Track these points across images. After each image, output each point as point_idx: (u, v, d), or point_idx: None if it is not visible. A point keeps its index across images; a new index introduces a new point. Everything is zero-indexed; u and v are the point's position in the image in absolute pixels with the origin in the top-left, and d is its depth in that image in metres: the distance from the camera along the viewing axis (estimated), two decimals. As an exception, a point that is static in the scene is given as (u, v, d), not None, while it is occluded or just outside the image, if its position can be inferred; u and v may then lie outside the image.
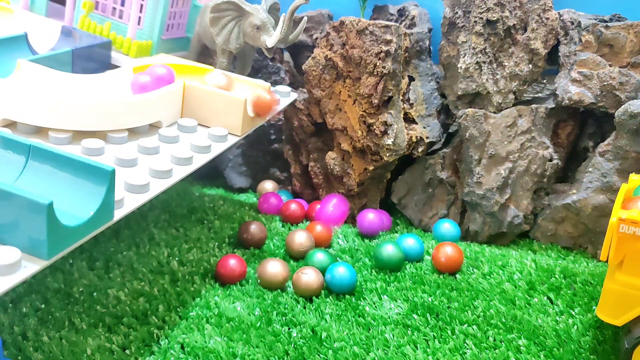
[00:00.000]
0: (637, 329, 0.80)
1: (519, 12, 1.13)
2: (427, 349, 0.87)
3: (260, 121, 1.08)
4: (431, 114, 1.22)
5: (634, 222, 0.77)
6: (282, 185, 1.37)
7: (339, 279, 0.98)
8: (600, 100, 1.09)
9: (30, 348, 0.83)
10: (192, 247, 1.09)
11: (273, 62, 1.33)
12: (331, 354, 0.85)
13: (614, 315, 0.81)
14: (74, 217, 0.68)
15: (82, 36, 1.11)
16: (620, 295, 0.80)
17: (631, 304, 0.79)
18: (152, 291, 0.96)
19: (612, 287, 0.80)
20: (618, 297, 0.80)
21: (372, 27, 1.12)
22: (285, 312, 0.93)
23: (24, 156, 0.72)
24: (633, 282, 0.79)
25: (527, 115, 1.14)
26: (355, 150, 1.19)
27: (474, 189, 1.14)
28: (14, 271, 0.62)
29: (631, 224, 0.77)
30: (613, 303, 0.80)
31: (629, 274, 0.79)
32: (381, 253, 1.05)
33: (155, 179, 0.84)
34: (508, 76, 1.14)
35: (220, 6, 1.11)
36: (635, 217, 0.77)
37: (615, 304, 0.80)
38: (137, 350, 0.84)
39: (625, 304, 0.79)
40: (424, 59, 1.24)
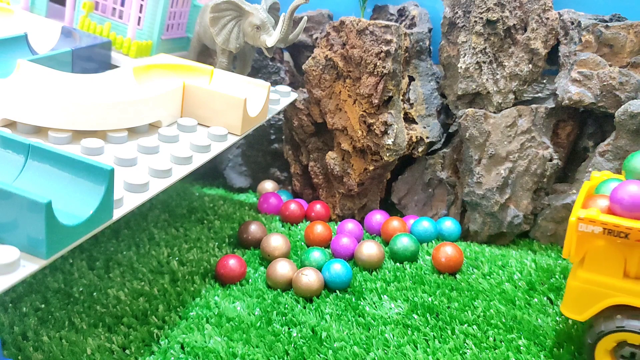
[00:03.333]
0: (598, 325, 0.81)
1: (519, 12, 1.13)
2: (427, 348, 0.87)
3: (259, 121, 1.08)
4: (431, 114, 1.22)
5: (592, 220, 0.78)
6: (282, 185, 1.37)
7: (335, 276, 0.99)
8: (600, 100, 1.08)
9: (30, 348, 0.83)
10: (192, 247, 1.09)
11: (273, 62, 1.33)
12: (331, 354, 0.85)
13: (577, 311, 0.82)
14: (73, 216, 0.68)
15: (82, 36, 1.11)
16: (582, 291, 0.81)
17: (592, 300, 0.81)
18: (152, 291, 0.96)
19: (574, 284, 0.82)
20: (580, 293, 0.81)
21: (372, 27, 1.12)
22: (285, 312, 0.93)
23: (23, 155, 0.72)
24: (593, 279, 0.81)
25: (527, 115, 1.14)
26: (355, 150, 1.18)
27: (474, 189, 1.14)
28: (13, 270, 0.62)
29: (589, 222, 0.78)
30: (576, 299, 0.82)
31: (589, 271, 0.81)
32: (396, 244, 1.08)
33: (155, 179, 0.84)
34: (508, 76, 1.14)
35: (220, 6, 1.11)
36: (593, 216, 0.78)
37: (578, 301, 0.82)
38: (137, 350, 0.84)
39: (587, 300, 0.81)
40: (424, 59, 1.24)
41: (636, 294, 0.79)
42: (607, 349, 0.81)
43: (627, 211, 0.78)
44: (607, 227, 0.77)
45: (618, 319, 0.79)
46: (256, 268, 1.06)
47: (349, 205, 1.24)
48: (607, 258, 0.80)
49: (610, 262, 0.80)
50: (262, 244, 1.08)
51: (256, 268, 1.06)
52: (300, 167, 1.32)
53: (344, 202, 1.24)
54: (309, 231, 1.14)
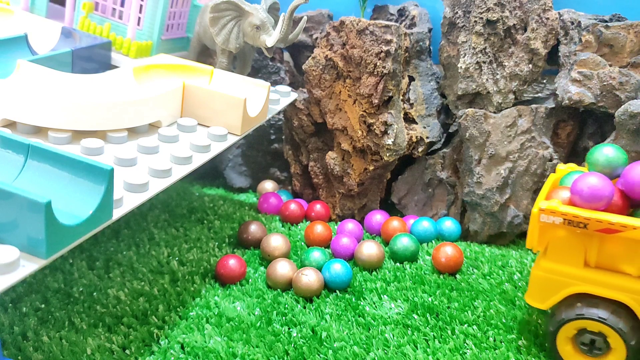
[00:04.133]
0: (559, 313, 0.83)
1: (519, 12, 1.13)
2: (427, 349, 0.87)
3: (259, 121, 1.08)
4: (431, 114, 1.22)
5: (553, 211, 0.80)
6: (282, 185, 1.37)
7: (335, 276, 0.99)
8: (600, 100, 1.08)
9: (30, 348, 0.83)
10: (192, 247, 1.09)
11: (273, 62, 1.34)
12: (331, 353, 0.85)
13: (540, 300, 0.85)
14: (73, 216, 0.68)
15: (82, 37, 1.11)
16: (545, 281, 0.84)
17: (554, 289, 0.83)
18: (152, 291, 0.96)
19: (537, 273, 0.85)
20: (543, 282, 0.84)
21: (372, 27, 1.12)
22: (285, 312, 0.93)
23: (22, 155, 0.72)
24: (555, 269, 0.83)
25: (527, 115, 1.14)
26: (355, 150, 1.18)
27: (474, 189, 1.14)
28: (13, 270, 0.62)
29: (550, 213, 0.80)
30: (539, 288, 0.85)
31: (551, 261, 0.84)
32: (396, 244, 1.08)
33: (155, 178, 0.84)
34: (508, 76, 1.14)
35: (219, 6, 1.11)
36: (554, 207, 0.80)
37: (541, 290, 0.84)
38: (137, 350, 0.84)
39: (550, 289, 0.84)
40: (424, 59, 1.24)
41: (595, 282, 0.81)
42: (568, 336, 0.83)
43: (586, 202, 0.80)
44: (567, 218, 0.80)
45: (578, 307, 0.82)
46: (256, 268, 1.06)
47: (349, 205, 1.24)
48: (568, 248, 0.82)
49: (571, 252, 0.82)
50: (262, 244, 1.08)
51: (256, 268, 1.06)
52: (300, 167, 1.32)
53: (344, 202, 1.24)
54: (309, 231, 1.14)
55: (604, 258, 0.82)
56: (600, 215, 0.78)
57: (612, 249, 0.81)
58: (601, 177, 0.80)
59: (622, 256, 0.81)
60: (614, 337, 0.81)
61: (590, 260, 0.82)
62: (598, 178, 0.80)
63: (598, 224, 0.78)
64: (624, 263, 0.81)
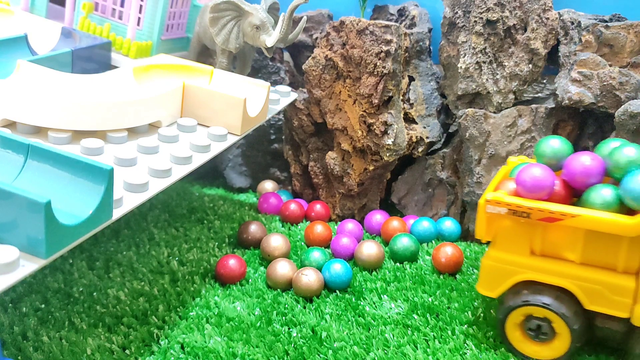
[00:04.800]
0: (507, 300, 0.86)
1: (519, 12, 1.13)
2: (427, 349, 0.87)
3: (259, 121, 1.08)
4: (431, 114, 1.22)
5: (498, 202, 0.83)
6: (282, 185, 1.37)
7: (335, 276, 0.99)
8: (600, 100, 1.08)
9: (30, 348, 0.83)
10: (192, 247, 1.09)
11: (273, 62, 1.34)
12: (331, 354, 0.85)
13: (490, 289, 0.88)
14: (73, 216, 0.68)
15: (82, 37, 1.11)
16: (494, 270, 0.86)
17: (503, 277, 0.86)
18: (152, 291, 0.96)
19: (486, 262, 0.87)
20: (492, 271, 0.87)
21: (372, 27, 1.12)
22: (285, 312, 0.93)
23: (22, 155, 0.72)
24: (503, 257, 0.86)
25: (527, 115, 1.14)
26: (355, 150, 1.18)
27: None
28: (12, 270, 0.62)
29: (496, 204, 0.83)
30: (488, 277, 0.87)
31: (499, 250, 0.86)
32: (396, 244, 1.08)
33: (155, 178, 0.84)
34: (508, 76, 1.14)
35: (219, 6, 1.12)
36: (499, 198, 0.83)
37: (490, 278, 0.87)
38: (137, 350, 0.84)
39: (498, 278, 0.86)
40: (424, 59, 1.23)
41: (540, 270, 0.84)
42: (516, 323, 0.85)
43: (529, 192, 0.82)
44: (511, 208, 0.82)
45: (524, 294, 0.84)
46: (256, 268, 1.06)
47: (349, 205, 1.24)
48: (514, 237, 0.85)
49: (517, 241, 0.85)
50: (262, 244, 1.08)
51: (256, 268, 1.06)
52: (300, 167, 1.32)
53: (344, 202, 1.24)
54: (309, 231, 1.14)
55: (548, 246, 0.84)
56: (542, 205, 0.81)
57: (555, 237, 0.84)
58: (543, 168, 0.82)
59: (564, 244, 0.83)
60: (558, 322, 0.83)
61: (535, 249, 0.85)
62: (540, 169, 0.82)
63: (540, 213, 0.81)
64: (566, 250, 0.84)
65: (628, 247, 0.80)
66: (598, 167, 0.83)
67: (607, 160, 0.83)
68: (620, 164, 0.81)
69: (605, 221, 0.78)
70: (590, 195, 0.82)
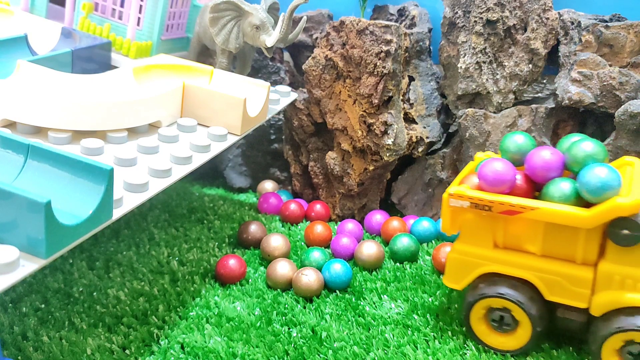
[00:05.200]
0: (470, 293, 0.87)
1: (519, 12, 1.13)
2: (427, 349, 0.87)
3: (259, 121, 1.08)
4: (431, 114, 1.22)
5: (461, 195, 0.84)
6: (282, 185, 1.37)
7: (335, 276, 0.99)
8: (600, 100, 1.08)
9: (30, 348, 0.83)
10: (192, 247, 1.09)
11: (273, 62, 1.34)
12: (331, 354, 0.85)
13: (456, 281, 0.89)
14: (73, 216, 0.68)
15: (82, 37, 1.12)
16: (459, 262, 0.88)
17: (467, 270, 0.88)
18: (152, 291, 0.96)
19: (452, 255, 0.89)
20: (457, 264, 0.89)
21: (372, 27, 1.12)
22: (285, 312, 0.93)
23: (22, 155, 0.72)
24: (468, 250, 0.88)
25: (527, 115, 1.14)
26: (355, 150, 1.18)
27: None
28: (12, 270, 0.62)
29: (459, 197, 0.85)
30: (454, 270, 0.89)
31: (464, 243, 0.88)
32: (396, 244, 1.08)
33: (155, 178, 0.84)
34: (508, 76, 1.14)
35: (219, 6, 1.12)
36: (461, 191, 0.85)
37: (456, 271, 0.89)
38: (137, 350, 0.84)
39: (463, 271, 0.88)
40: (424, 59, 1.23)
41: (502, 262, 0.86)
42: (479, 316, 0.87)
43: (491, 186, 0.84)
44: (473, 202, 0.84)
45: (481, 287, 0.86)
46: (256, 268, 1.06)
47: (349, 205, 1.24)
48: (478, 231, 0.87)
49: (480, 234, 0.87)
50: (262, 244, 1.08)
51: (256, 268, 1.06)
52: (300, 167, 1.32)
53: (344, 202, 1.24)
54: (309, 231, 1.14)
55: (510, 239, 0.86)
56: (502, 198, 0.83)
57: (516, 230, 0.85)
58: (505, 162, 0.84)
59: (525, 237, 0.85)
60: (516, 310, 0.84)
61: (498, 242, 0.87)
62: (502, 163, 0.84)
63: (500, 206, 0.83)
64: (527, 243, 0.85)
65: (585, 239, 0.82)
66: (557, 162, 0.85)
67: (567, 154, 0.85)
68: (578, 158, 0.83)
69: (561, 213, 0.80)
70: (549, 188, 0.83)
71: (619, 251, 0.80)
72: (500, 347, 0.87)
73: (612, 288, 0.81)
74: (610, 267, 0.81)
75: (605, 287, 0.81)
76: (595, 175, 0.78)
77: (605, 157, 0.83)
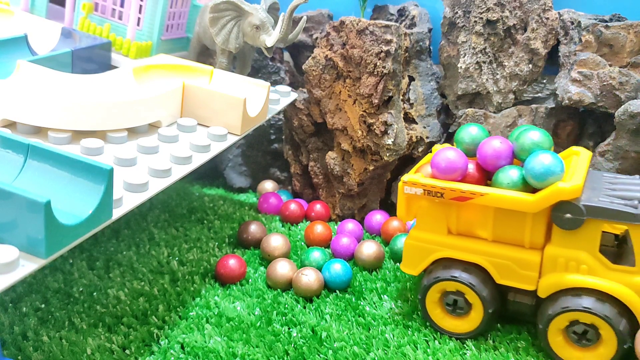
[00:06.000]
0: (425, 279, 0.91)
1: (519, 12, 1.13)
2: (427, 349, 0.87)
3: (259, 121, 1.08)
4: (431, 114, 1.22)
5: (414, 183, 0.88)
6: (282, 185, 1.37)
7: (335, 276, 0.99)
8: (600, 100, 1.08)
9: (30, 348, 0.83)
10: (192, 247, 1.09)
11: (273, 62, 1.34)
12: (331, 354, 0.85)
13: (412, 267, 0.92)
14: (72, 215, 0.68)
15: (82, 37, 1.12)
16: (415, 248, 0.91)
17: (423, 255, 0.91)
18: (152, 291, 0.96)
19: (408, 242, 0.92)
20: (413, 250, 0.92)
21: (372, 27, 1.12)
22: (285, 312, 0.93)
23: (22, 155, 0.72)
24: (423, 237, 0.91)
25: (527, 115, 1.14)
26: (355, 150, 1.18)
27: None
28: (12, 270, 0.62)
29: (412, 185, 0.88)
30: (410, 256, 0.92)
31: (419, 230, 0.91)
32: (396, 244, 1.09)
33: (155, 178, 0.84)
34: (508, 76, 1.14)
35: (219, 6, 1.12)
36: (415, 179, 0.88)
37: (412, 257, 0.92)
38: (137, 350, 0.84)
39: (419, 256, 0.91)
40: (424, 59, 1.23)
41: (456, 247, 0.89)
42: (434, 301, 0.90)
43: (443, 174, 0.87)
44: (426, 189, 0.87)
45: (435, 272, 0.90)
46: (256, 268, 1.06)
47: (349, 205, 1.24)
48: (432, 217, 0.89)
49: (435, 221, 0.89)
50: (262, 244, 1.08)
51: (256, 268, 1.06)
52: (300, 167, 1.32)
53: (344, 202, 1.24)
54: (309, 231, 1.14)
55: (463, 225, 0.89)
56: (453, 185, 0.86)
57: (468, 216, 0.88)
58: (456, 151, 0.88)
59: (477, 223, 0.88)
60: (469, 293, 0.88)
61: (452, 228, 0.89)
62: (454, 152, 0.87)
63: (452, 192, 0.86)
64: (479, 229, 0.88)
65: (532, 224, 0.85)
66: (507, 150, 0.88)
67: (515, 143, 0.89)
68: (525, 146, 0.87)
69: (508, 198, 0.83)
70: (499, 176, 0.87)
71: (563, 234, 0.83)
72: (455, 330, 0.90)
73: (558, 270, 0.84)
74: (555, 250, 0.84)
75: (551, 269, 0.85)
76: (540, 161, 0.82)
77: (551, 145, 0.87)
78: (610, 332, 0.81)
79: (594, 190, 0.84)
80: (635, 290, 0.81)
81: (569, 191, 0.81)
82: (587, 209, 0.81)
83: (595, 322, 0.82)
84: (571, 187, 0.81)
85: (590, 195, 0.83)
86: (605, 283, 0.81)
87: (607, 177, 0.89)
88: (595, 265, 0.82)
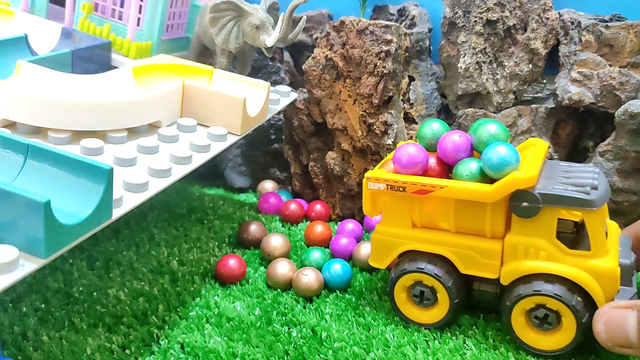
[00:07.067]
0: (392, 272, 0.93)
1: (519, 12, 1.13)
2: (427, 349, 0.86)
3: (259, 121, 1.08)
4: (431, 114, 1.22)
5: (377, 178, 0.89)
6: (282, 185, 1.37)
7: (335, 276, 0.99)
8: (600, 100, 1.08)
9: (30, 348, 0.83)
10: (192, 247, 1.09)
11: (273, 62, 1.34)
12: (331, 354, 0.85)
13: (379, 261, 0.94)
14: (72, 215, 0.68)
15: (82, 37, 1.12)
16: (382, 243, 0.93)
17: (389, 249, 0.93)
18: (152, 291, 0.96)
19: (375, 237, 0.93)
20: (380, 245, 0.93)
21: (372, 27, 1.12)
22: (285, 312, 0.93)
23: (22, 155, 0.72)
24: (388, 231, 0.92)
25: (527, 115, 1.14)
26: (356, 150, 1.18)
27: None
28: (12, 270, 0.62)
29: (375, 180, 0.89)
30: (377, 251, 0.94)
31: (385, 224, 0.93)
32: None
33: (155, 178, 0.84)
34: (508, 76, 1.14)
35: (219, 6, 1.12)
36: (377, 174, 0.90)
37: (379, 251, 0.94)
38: (137, 350, 0.84)
39: (385, 250, 0.93)
40: (424, 59, 1.23)
41: (420, 240, 0.91)
42: (402, 293, 0.92)
43: (404, 168, 0.90)
44: (388, 184, 0.89)
45: (406, 263, 0.91)
46: (256, 268, 1.06)
47: (349, 205, 1.24)
48: (396, 212, 0.91)
49: (399, 215, 0.91)
50: (262, 244, 1.08)
51: (256, 268, 1.06)
52: (300, 167, 1.32)
53: (344, 202, 1.24)
54: (309, 231, 1.14)
55: (426, 218, 0.91)
56: (414, 179, 0.88)
57: (431, 209, 0.90)
58: (417, 146, 0.90)
59: (439, 215, 0.90)
60: (436, 285, 0.90)
61: (416, 221, 0.91)
62: (414, 147, 0.90)
63: (413, 186, 0.87)
64: (442, 221, 0.90)
65: (492, 214, 0.86)
66: (465, 144, 0.90)
67: (473, 136, 0.91)
68: (483, 138, 0.89)
69: (467, 189, 0.85)
70: (459, 168, 0.89)
71: (522, 223, 0.85)
72: (421, 321, 0.91)
73: (518, 258, 0.86)
74: (514, 239, 0.86)
75: (511, 257, 0.86)
76: (496, 152, 0.84)
77: (507, 137, 0.89)
78: (569, 315, 0.83)
79: (550, 179, 0.86)
80: (591, 272, 0.83)
81: (524, 180, 0.83)
82: (542, 197, 0.82)
83: (553, 306, 0.84)
84: (526, 176, 0.83)
85: (545, 184, 0.85)
86: (562, 267, 0.83)
87: (562, 166, 0.92)
88: (552, 251, 0.84)
